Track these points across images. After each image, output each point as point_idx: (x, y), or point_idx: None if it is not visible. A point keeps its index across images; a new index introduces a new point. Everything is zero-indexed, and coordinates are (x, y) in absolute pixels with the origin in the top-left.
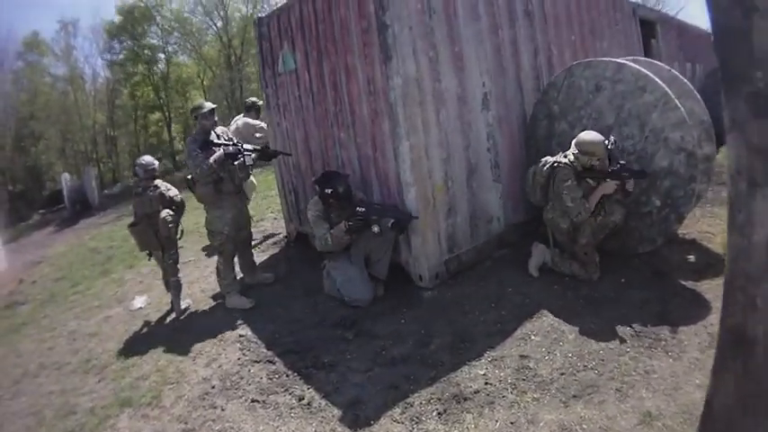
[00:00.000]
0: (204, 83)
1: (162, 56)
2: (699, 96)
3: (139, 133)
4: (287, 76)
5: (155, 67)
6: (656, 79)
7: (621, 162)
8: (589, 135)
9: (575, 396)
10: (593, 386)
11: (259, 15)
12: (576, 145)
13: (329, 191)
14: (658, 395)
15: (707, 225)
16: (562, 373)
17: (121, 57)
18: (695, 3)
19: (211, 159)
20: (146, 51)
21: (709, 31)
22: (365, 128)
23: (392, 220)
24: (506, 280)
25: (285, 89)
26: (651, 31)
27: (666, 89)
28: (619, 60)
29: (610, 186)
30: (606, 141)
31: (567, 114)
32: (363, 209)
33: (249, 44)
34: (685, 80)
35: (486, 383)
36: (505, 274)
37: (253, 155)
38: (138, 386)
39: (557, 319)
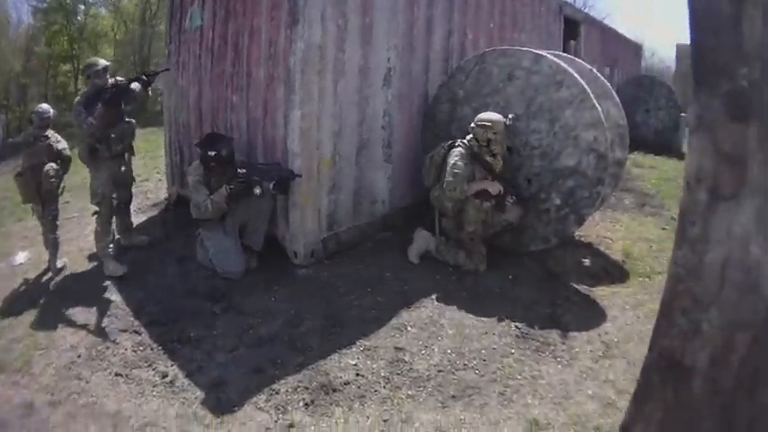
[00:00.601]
0: (117, 37)
1: (82, 6)
2: (618, 99)
3: (49, 83)
4: (191, 34)
5: (74, 18)
6: (576, 75)
7: (512, 191)
8: (488, 113)
9: (453, 396)
10: (473, 387)
11: None
12: (474, 121)
13: (212, 153)
14: (546, 403)
15: (606, 230)
16: (440, 371)
17: (45, 5)
18: (619, 13)
19: (90, 118)
20: (68, 1)
21: (632, 39)
22: (259, 92)
23: (274, 182)
24: (386, 264)
25: (187, 46)
26: (574, 31)
27: (585, 86)
28: (538, 51)
29: (495, 186)
30: (505, 119)
31: (473, 100)
32: (245, 170)
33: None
34: (606, 81)
35: (358, 375)
36: (386, 258)
37: (131, 85)
38: (11, 349)
39: (436, 310)
